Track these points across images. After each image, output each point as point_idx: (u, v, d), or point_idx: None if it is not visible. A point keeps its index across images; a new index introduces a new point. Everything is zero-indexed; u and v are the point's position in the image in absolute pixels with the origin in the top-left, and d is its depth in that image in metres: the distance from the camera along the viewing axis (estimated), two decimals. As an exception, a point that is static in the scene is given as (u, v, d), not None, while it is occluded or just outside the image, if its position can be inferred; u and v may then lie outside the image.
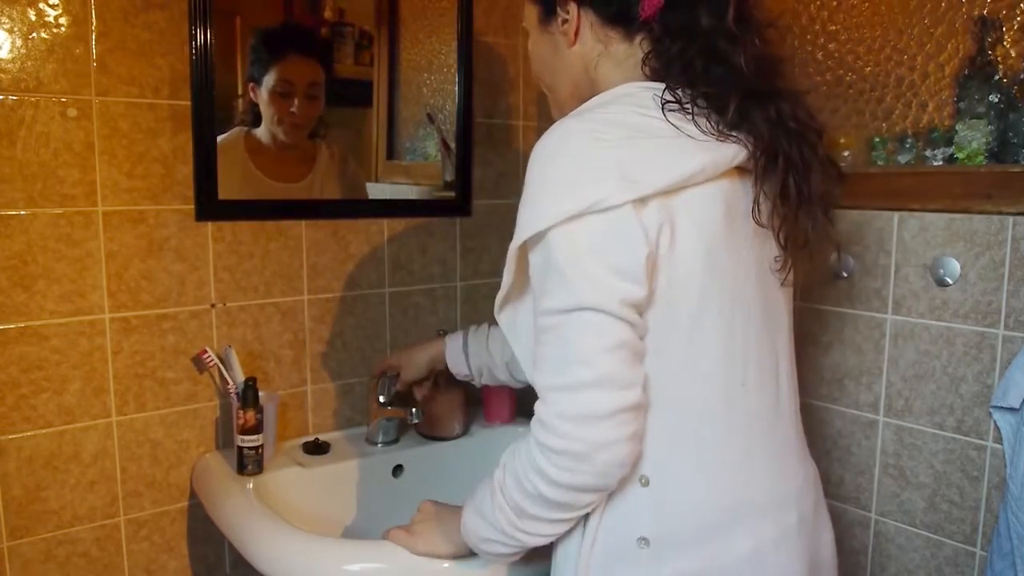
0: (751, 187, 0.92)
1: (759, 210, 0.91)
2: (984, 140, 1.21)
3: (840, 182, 1.01)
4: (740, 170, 0.91)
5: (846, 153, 1.37)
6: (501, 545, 0.94)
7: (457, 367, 1.38)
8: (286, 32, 1.48)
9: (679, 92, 0.89)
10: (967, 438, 1.23)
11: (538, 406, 0.85)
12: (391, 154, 1.63)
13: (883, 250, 1.30)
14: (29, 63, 1.19)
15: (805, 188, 0.92)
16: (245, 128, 1.42)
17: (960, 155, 1.23)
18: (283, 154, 1.48)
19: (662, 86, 0.90)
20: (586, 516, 0.91)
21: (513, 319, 0.98)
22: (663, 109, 0.87)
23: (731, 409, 0.91)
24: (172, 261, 1.35)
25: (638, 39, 0.94)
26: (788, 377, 1.00)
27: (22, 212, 1.21)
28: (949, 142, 1.25)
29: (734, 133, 0.89)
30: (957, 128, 1.23)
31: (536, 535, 0.91)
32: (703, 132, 0.87)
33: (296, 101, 1.47)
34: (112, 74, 1.26)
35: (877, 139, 1.34)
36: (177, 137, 1.33)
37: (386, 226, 1.58)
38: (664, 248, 0.85)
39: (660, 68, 0.93)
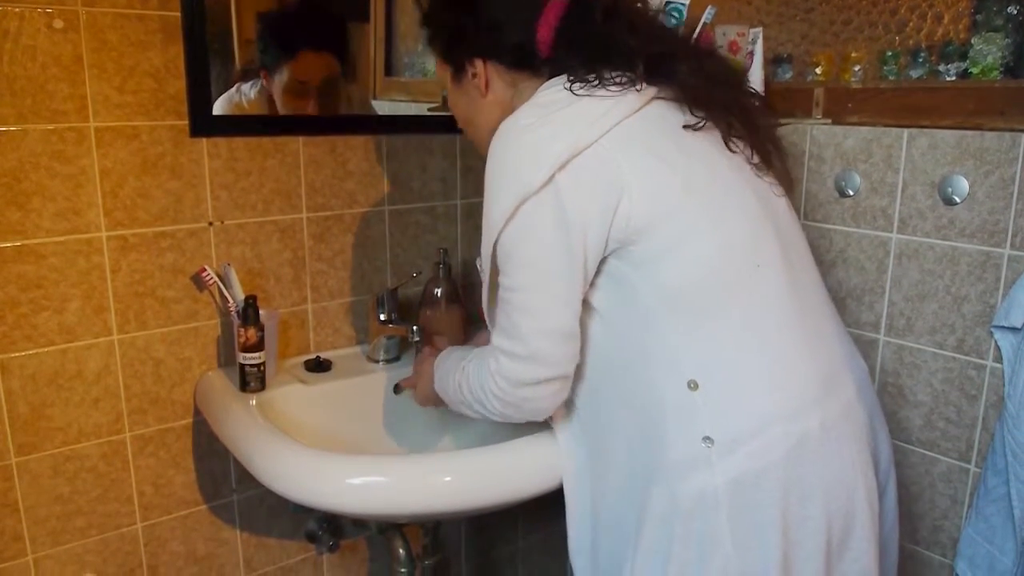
0: (676, 105, 1.00)
1: (693, 112, 1.00)
2: (1000, 54, 1.18)
3: (741, 74, 1.16)
4: (659, 99, 0.99)
5: (857, 67, 1.33)
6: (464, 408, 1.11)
7: None
8: (298, 25, 1.39)
9: (585, 76, 0.98)
10: (967, 357, 1.23)
11: (489, 357, 1.01)
12: (389, 70, 1.58)
13: (891, 168, 1.28)
14: (11, -29, 1.15)
15: (714, 78, 1.03)
16: (259, 81, 1.39)
17: (974, 70, 1.20)
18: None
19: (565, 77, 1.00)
20: (640, 430, 0.99)
21: (493, 310, 1.06)
22: (571, 86, 0.97)
23: (753, 289, 0.97)
24: (167, 178, 1.33)
25: (545, 71, 1.03)
26: (800, 250, 1.07)
27: (12, 128, 1.19)
28: (964, 56, 1.21)
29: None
30: (973, 42, 1.20)
31: (484, 417, 1.08)
32: (613, 90, 0.96)
33: (311, 100, 1.41)
34: (98, -17, 1.21)
35: (889, 53, 1.30)
36: (168, 50, 1.29)
37: (385, 143, 1.56)
38: (631, 183, 0.92)
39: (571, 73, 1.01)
